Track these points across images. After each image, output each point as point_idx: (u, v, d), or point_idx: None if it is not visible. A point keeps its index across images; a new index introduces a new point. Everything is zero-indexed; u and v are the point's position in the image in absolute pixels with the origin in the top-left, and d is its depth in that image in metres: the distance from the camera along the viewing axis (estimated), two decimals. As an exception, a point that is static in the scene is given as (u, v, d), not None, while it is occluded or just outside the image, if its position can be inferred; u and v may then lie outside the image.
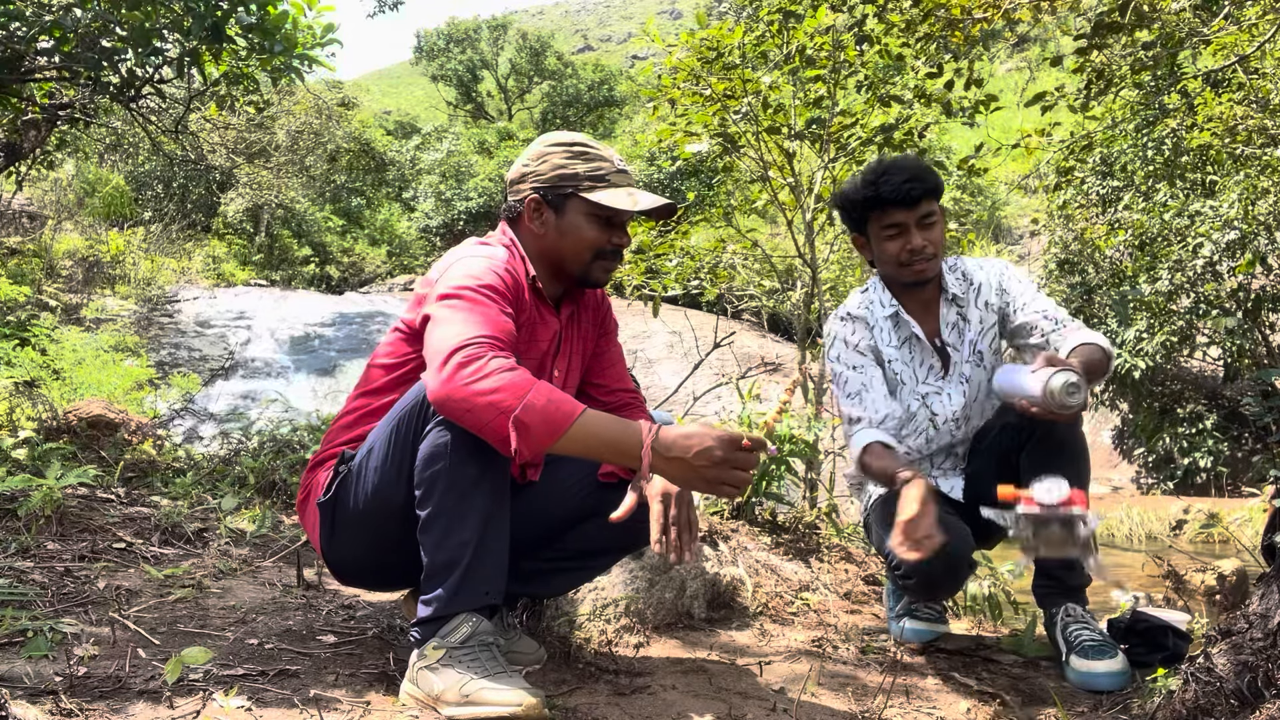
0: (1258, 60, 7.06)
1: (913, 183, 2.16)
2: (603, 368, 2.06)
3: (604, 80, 29.13)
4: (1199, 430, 9.12)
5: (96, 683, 1.62)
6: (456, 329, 1.59)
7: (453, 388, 1.52)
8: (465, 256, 1.77)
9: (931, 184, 2.19)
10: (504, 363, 1.53)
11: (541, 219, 1.85)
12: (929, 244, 2.20)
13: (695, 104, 5.00)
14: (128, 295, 11.99)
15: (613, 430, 1.55)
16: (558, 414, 1.50)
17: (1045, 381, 1.75)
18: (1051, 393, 1.74)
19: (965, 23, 4.53)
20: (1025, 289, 2.30)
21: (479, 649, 1.63)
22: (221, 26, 3.88)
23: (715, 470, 1.53)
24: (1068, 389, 1.73)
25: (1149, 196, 9.25)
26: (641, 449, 1.53)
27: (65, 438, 3.57)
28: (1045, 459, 1.98)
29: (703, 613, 2.41)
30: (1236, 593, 3.76)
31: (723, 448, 1.53)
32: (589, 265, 1.87)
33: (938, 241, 2.22)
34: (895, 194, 2.16)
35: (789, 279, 7.18)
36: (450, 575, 1.63)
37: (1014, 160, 14.21)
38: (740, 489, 1.57)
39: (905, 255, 2.20)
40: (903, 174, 2.17)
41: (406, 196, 22.57)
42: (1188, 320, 8.59)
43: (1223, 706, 1.44)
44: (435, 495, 1.62)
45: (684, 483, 1.57)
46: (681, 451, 1.52)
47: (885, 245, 2.23)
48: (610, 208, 1.81)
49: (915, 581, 1.99)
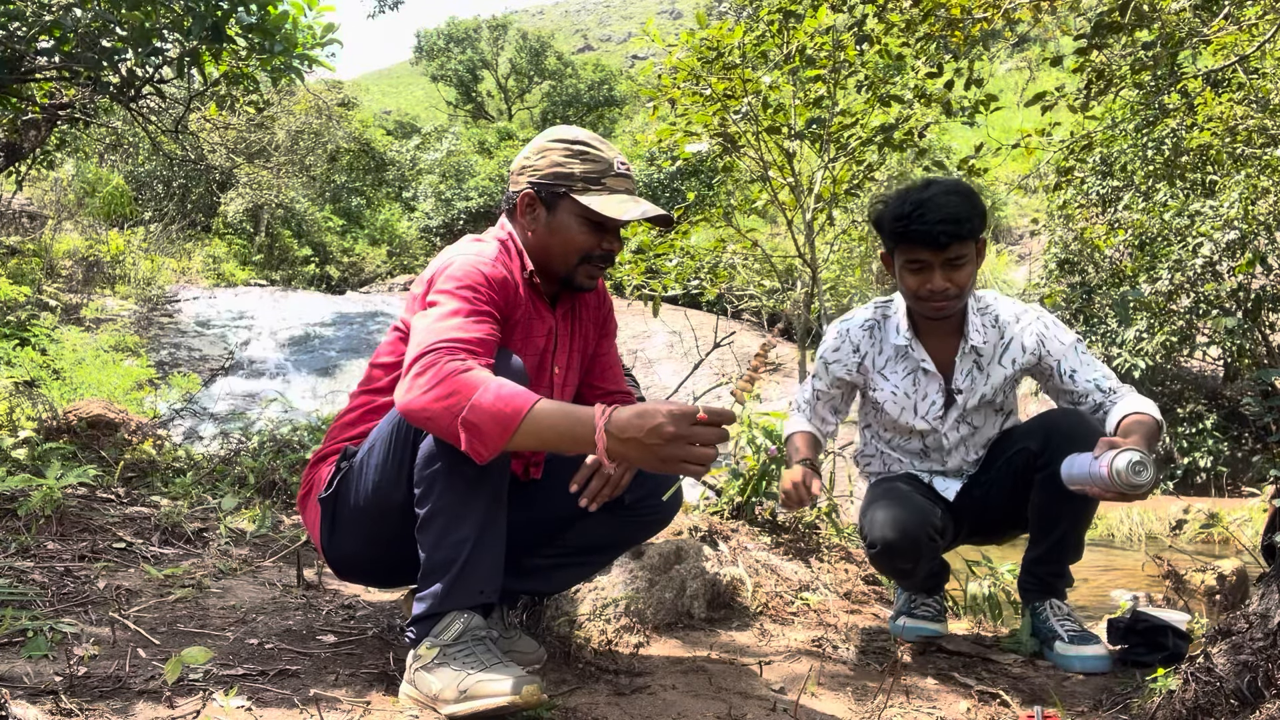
0: (1258, 60, 7.06)
1: (945, 225, 2.03)
2: (601, 369, 2.07)
3: (604, 80, 29.12)
4: (1199, 430, 9.11)
5: (96, 682, 1.62)
6: (421, 337, 1.59)
7: (410, 399, 1.52)
8: (455, 256, 1.75)
9: (967, 230, 2.05)
10: (456, 365, 1.51)
11: (533, 215, 1.83)
12: (951, 285, 2.09)
13: (695, 104, 5.00)
14: (128, 295, 11.99)
15: (566, 420, 1.49)
16: (507, 409, 1.47)
17: (1110, 464, 1.76)
18: (1118, 474, 1.75)
19: (965, 22, 4.53)
20: (1071, 354, 2.19)
21: (473, 643, 1.63)
22: (221, 26, 3.88)
23: (670, 448, 1.44)
24: (1134, 469, 1.74)
25: (1149, 196, 9.25)
26: (595, 433, 1.46)
27: (65, 437, 3.57)
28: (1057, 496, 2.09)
29: (703, 613, 2.41)
30: (1236, 593, 3.76)
31: (674, 423, 1.43)
32: (575, 268, 1.85)
33: (963, 283, 2.10)
34: (924, 238, 2.05)
35: (789, 279, 7.19)
36: (446, 574, 1.63)
37: (1014, 160, 14.21)
38: (704, 466, 1.48)
39: (924, 292, 2.12)
40: (937, 214, 2.03)
41: (406, 196, 22.55)
42: (1188, 320, 8.59)
43: (1223, 706, 1.44)
44: (434, 494, 1.62)
45: (643, 464, 1.48)
46: (635, 431, 1.44)
47: (906, 277, 2.15)
48: (599, 214, 1.78)
49: (877, 551, 2.13)
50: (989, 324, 2.25)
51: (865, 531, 2.18)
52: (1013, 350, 2.23)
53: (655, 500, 1.95)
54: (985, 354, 2.24)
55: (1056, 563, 2.22)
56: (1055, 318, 2.27)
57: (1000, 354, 2.24)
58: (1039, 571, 2.26)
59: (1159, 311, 8.75)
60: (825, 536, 3.04)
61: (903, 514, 2.12)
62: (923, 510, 2.15)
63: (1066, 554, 2.21)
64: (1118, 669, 2.13)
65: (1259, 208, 7.87)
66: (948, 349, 2.26)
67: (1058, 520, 2.17)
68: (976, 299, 2.27)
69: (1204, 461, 8.93)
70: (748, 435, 2.93)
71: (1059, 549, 2.20)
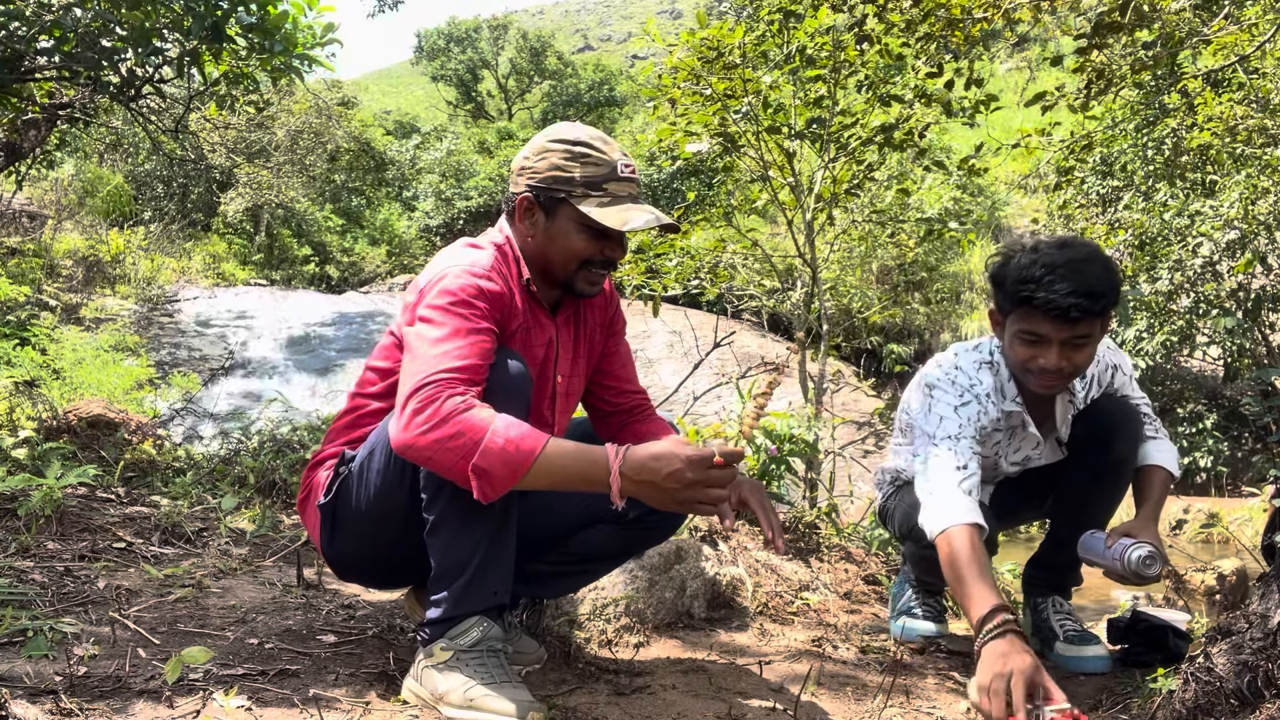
0: (1258, 60, 7.06)
1: (1079, 300, 1.76)
2: (613, 368, 2.02)
3: (604, 80, 29.10)
4: (1199, 430, 9.12)
5: (96, 682, 1.62)
6: (418, 365, 1.55)
7: (410, 437, 1.49)
8: (449, 267, 1.68)
9: (1101, 306, 1.80)
10: (458, 403, 1.48)
11: (532, 220, 1.76)
12: (1069, 365, 1.86)
13: (695, 104, 5.00)
14: (128, 295, 11.99)
15: (578, 461, 1.50)
16: (517, 455, 1.46)
17: (1124, 555, 1.91)
18: (1129, 564, 1.90)
19: (965, 22, 4.53)
20: (1126, 386, 2.15)
21: (487, 654, 1.63)
22: (221, 26, 3.88)
23: (687, 492, 1.48)
24: (1144, 562, 1.89)
25: (1149, 196, 9.25)
26: (610, 475, 1.48)
27: (65, 437, 3.57)
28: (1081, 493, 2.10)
29: (703, 612, 2.41)
30: (1236, 593, 3.77)
31: (693, 469, 1.47)
32: (574, 274, 1.78)
33: (1082, 365, 1.87)
34: (1052, 309, 1.79)
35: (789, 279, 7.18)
36: (459, 577, 1.62)
37: (1014, 160, 14.21)
38: (716, 507, 1.52)
39: (1035, 367, 1.88)
40: (1070, 284, 1.76)
41: (406, 196, 22.53)
42: (1188, 320, 8.59)
43: (1223, 706, 1.44)
44: (443, 499, 1.60)
45: (656, 503, 1.52)
46: (651, 475, 1.48)
47: (1018, 347, 1.90)
48: (599, 224, 1.72)
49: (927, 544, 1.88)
50: None
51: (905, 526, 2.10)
52: (1091, 386, 2.15)
53: (660, 513, 1.91)
54: (1077, 396, 2.13)
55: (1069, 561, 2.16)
56: (1115, 343, 2.22)
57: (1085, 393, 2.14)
58: (1049, 567, 2.23)
59: (1159, 311, 8.75)
60: (825, 536, 3.04)
61: None
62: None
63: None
64: (1118, 669, 2.13)
65: (1259, 207, 7.87)
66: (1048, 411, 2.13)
67: (1087, 499, 2.11)
68: None
69: (1204, 461, 8.94)
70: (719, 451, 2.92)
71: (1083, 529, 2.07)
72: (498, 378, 1.60)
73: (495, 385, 1.59)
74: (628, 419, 2.02)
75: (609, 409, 2.03)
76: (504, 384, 1.61)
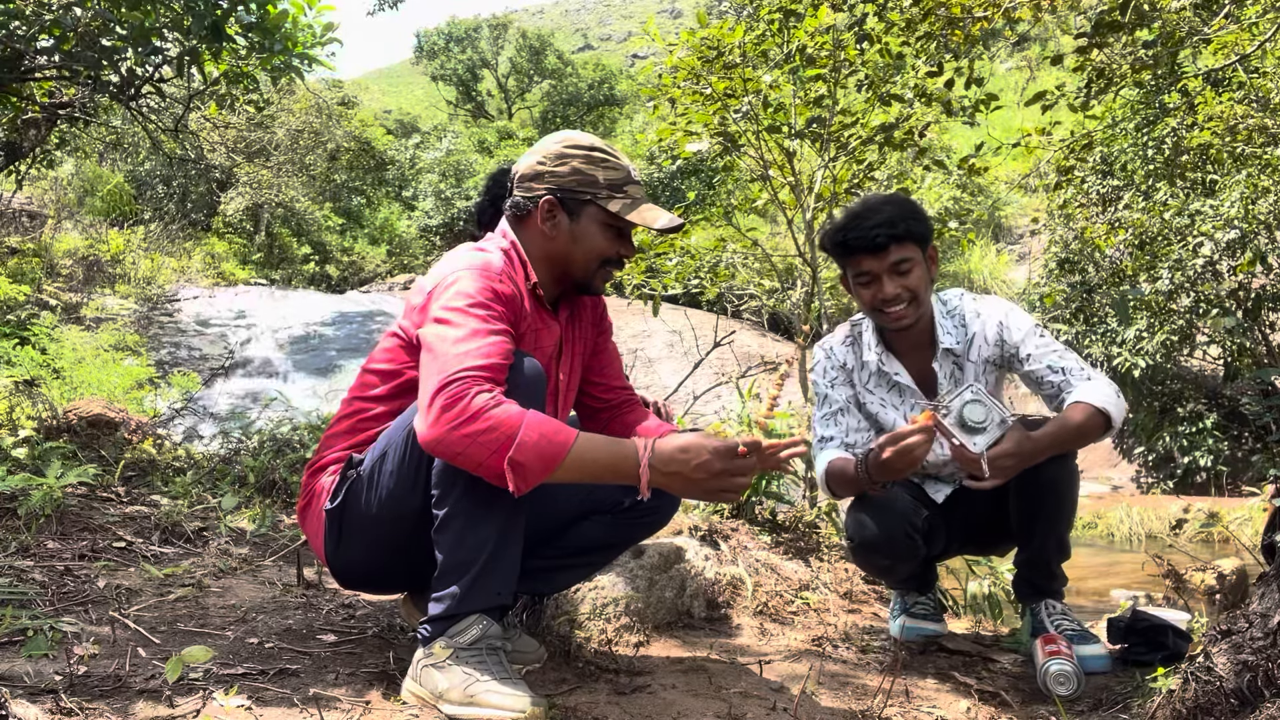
0: (1258, 59, 7.06)
1: (879, 229, 2.07)
2: (602, 365, 2.06)
3: (604, 79, 29.10)
4: (1199, 429, 9.12)
5: (96, 682, 1.62)
6: (441, 363, 1.56)
7: (440, 431, 1.50)
8: (462, 270, 1.70)
9: (903, 229, 2.08)
10: (488, 399, 1.51)
11: (554, 221, 1.82)
12: (904, 290, 2.11)
13: (695, 103, 5.00)
14: (128, 294, 11.99)
15: (609, 453, 1.55)
16: (550, 447, 1.50)
17: (1041, 669, 1.99)
18: (1044, 680, 1.98)
19: (965, 21, 4.53)
20: (1029, 339, 2.16)
21: (487, 652, 1.63)
22: (221, 26, 3.88)
23: (715, 481, 1.56)
24: (1058, 679, 1.96)
25: (1149, 196, 9.25)
26: (639, 468, 1.54)
27: (65, 437, 3.57)
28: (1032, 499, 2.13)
29: (703, 612, 2.41)
30: (1236, 592, 3.77)
31: (720, 459, 1.55)
32: (594, 273, 1.86)
33: (915, 287, 2.12)
34: (861, 241, 2.09)
35: (789, 278, 7.18)
36: (464, 575, 1.62)
37: (1014, 159, 14.20)
38: (739, 494, 1.60)
39: (878, 302, 2.13)
40: (871, 219, 2.09)
41: (406, 195, 22.54)
42: (1188, 319, 8.59)
43: (1223, 706, 1.44)
44: (453, 495, 1.61)
45: (683, 493, 1.59)
46: (680, 466, 1.54)
47: (860, 292, 2.17)
48: (630, 221, 1.80)
49: (854, 545, 2.19)
50: (957, 324, 2.23)
51: (847, 527, 2.23)
52: (977, 344, 2.21)
53: (654, 501, 1.94)
54: (960, 353, 2.22)
55: (1044, 565, 2.21)
56: (1016, 306, 2.24)
57: (969, 350, 2.22)
58: (1028, 574, 2.25)
59: (1159, 311, 8.75)
60: (825, 536, 3.04)
61: (883, 512, 2.14)
62: (904, 509, 2.16)
63: (1051, 555, 2.19)
64: (1117, 668, 2.13)
65: (1259, 207, 7.86)
66: (925, 359, 2.24)
67: (1035, 521, 2.15)
68: (942, 302, 2.25)
69: (1204, 461, 8.93)
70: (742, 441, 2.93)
71: (1042, 551, 2.19)
72: (516, 377, 1.62)
73: (514, 384, 1.61)
74: (616, 414, 2.06)
75: (599, 405, 2.06)
76: (523, 383, 1.63)
